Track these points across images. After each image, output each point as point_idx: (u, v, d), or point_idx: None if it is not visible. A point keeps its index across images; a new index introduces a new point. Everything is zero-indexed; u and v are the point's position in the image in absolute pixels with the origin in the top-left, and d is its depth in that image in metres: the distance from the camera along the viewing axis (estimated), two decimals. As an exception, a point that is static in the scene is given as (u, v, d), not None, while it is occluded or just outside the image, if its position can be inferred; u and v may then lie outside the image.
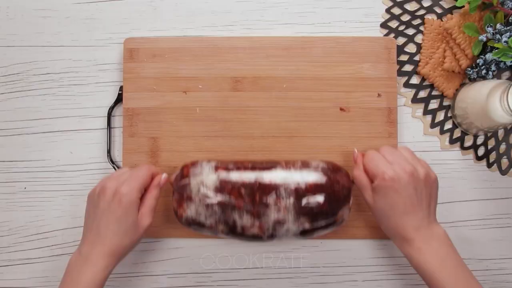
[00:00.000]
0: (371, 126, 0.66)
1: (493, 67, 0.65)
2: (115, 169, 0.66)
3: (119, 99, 0.67)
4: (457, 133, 0.68)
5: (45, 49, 0.69)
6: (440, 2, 0.68)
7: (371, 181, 0.57)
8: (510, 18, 0.63)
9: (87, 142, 0.68)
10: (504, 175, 0.67)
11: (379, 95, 0.66)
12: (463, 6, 0.66)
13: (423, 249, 0.54)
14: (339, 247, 0.67)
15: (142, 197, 0.58)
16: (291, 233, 0.58)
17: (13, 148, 0.68)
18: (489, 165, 0.67)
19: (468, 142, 0.68)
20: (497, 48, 0.62)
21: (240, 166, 0.59)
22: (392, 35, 0.68)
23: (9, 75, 0.68)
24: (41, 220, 0.68)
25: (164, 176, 0.60)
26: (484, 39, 0.63)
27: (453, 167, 0.67)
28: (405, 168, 0.54)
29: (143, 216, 0.57)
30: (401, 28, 0.68)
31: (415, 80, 0.68)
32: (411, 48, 0.68)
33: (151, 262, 0.67)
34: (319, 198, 0.57)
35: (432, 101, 0.68)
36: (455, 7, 0.68)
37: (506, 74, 0.68)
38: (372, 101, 0.65)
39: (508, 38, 0.61)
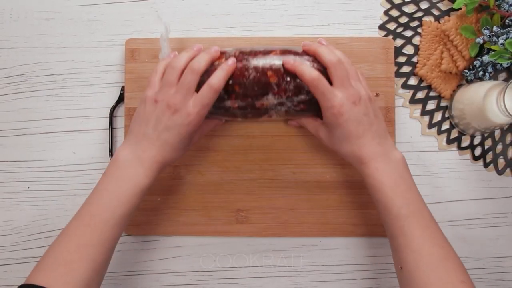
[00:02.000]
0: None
1: (489, 69, 0.66)
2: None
3: (120, 99, 0.68)
4: (454, 134, 0.68)
5: (48, 50, 0.69)
6: (437, 4, 0.69)
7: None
8: (507, 20, 0.64)
9: (89, 142, 0.68)
10: (500, 175, 0.68)
11: (377, 94, 0.66)
12: (460, 8, 0.67)
13: (380, 169, 0.55)
14: (337, 246, 0.67)
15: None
16: None
17: (16, 148, 0.69)
18: (486, 165, 0.68)
19: (465, 142, 0.68)
20: (494, 50, 0.63)
21: (232, 92, 0.59)
22: (390, 36, 0.68)
23: (13, 76, 0.69)
24: (44, 219, 0.68)
25: None
26: (481, 41, 0.64)
27: (451, 167, 0.68)
28: (351, 97, 0.55)
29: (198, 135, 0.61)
30: (399, 30, 0.69)
31: (413, 81, 0.69)
32: (409, 49, 0.69)
33: (152, 261, 0.68)
34: (306, 115, 0.62)
35: (429, 102, 0.68)
36: (452, 9, 0.68)
37: (503, 75, 0.68)
38: (371, 102, 0.66)
39: (505, 40, 0.62)
